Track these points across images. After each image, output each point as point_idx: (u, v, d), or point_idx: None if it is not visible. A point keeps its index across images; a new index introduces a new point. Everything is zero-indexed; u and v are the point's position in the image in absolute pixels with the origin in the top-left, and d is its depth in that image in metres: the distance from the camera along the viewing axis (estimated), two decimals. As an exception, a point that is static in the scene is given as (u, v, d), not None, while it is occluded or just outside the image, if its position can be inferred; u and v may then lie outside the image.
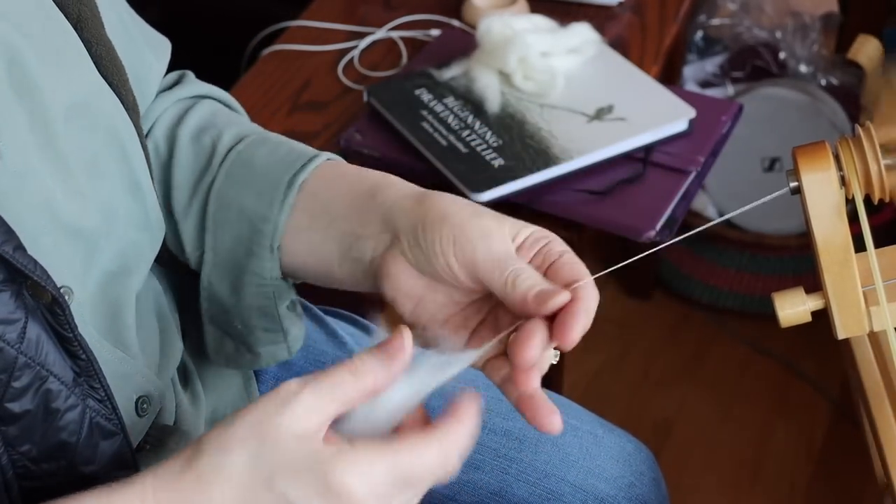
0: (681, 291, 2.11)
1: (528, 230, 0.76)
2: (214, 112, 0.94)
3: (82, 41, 0.80)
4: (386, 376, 0.67)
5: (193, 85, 0.95)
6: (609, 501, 1.00)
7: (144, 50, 0.90)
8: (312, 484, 0.63)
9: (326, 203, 0.84)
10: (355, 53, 1.50)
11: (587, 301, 0.72)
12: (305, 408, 0.64)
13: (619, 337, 2.07)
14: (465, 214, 0.76)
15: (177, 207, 0.89)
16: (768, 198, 0.80)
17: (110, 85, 0.81)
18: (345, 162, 0.89)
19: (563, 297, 0.71)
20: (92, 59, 0.80)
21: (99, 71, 0.81)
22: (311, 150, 0.88)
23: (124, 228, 0.81)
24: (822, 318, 0.86)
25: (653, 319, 2.10)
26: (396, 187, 0.82)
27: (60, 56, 0.76)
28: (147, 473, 0.66)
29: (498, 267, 0.73)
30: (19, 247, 0.67)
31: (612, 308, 2.10)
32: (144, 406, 0.80)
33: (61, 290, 0.71)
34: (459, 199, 0.78)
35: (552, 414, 0.72)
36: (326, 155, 0.88)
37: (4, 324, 0.67)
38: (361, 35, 1.53)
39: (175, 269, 0.94)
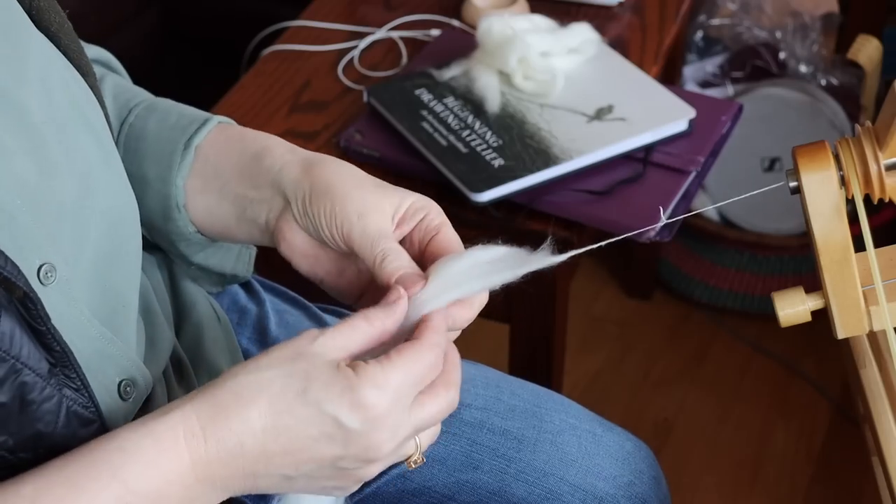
0: (681, 291, 2.11)
1: (408, 201, 0.82)
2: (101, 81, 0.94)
3: (41, 17, 0.80)
4: (391, 323, 0.75)
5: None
6: (608, 500, 1.00)
7: None
8: (342, 396, 0.70)
9: (217, 168, 0.88)
10: (355, 53, 1.50)
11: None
12: (331, 342, 0.72)
13: (619, 337, 2.07)
14: (347, 186, 0.81)
15: None
16: (764, 189, 0.80)
17: (65, 54, 0.82)
18: (235, 124, 0.92)
19: (416, 289, 0.77)
20: (49, 32, 0.81)
21: (57, 45, 0.81)
22: (201, 113, 0.91)
23: (105, 199, 0.81)
24: (822, 318, 0.86)
25: (653, 319, 2.10)
26: (280, 151, 0.86)
27: (13, 35, 0.76)
28: (184, 399, 0.71)
29: (369, 245, 0.80)
30: None
31: (612, 308, 2.10)
32: (128, 389, 0.80)
33: (42, 267, 0.71)
34: (345, 165, 0.83)
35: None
36: (218, 118, 0.91)
37: None
38: (361, 35, 1.53)
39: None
